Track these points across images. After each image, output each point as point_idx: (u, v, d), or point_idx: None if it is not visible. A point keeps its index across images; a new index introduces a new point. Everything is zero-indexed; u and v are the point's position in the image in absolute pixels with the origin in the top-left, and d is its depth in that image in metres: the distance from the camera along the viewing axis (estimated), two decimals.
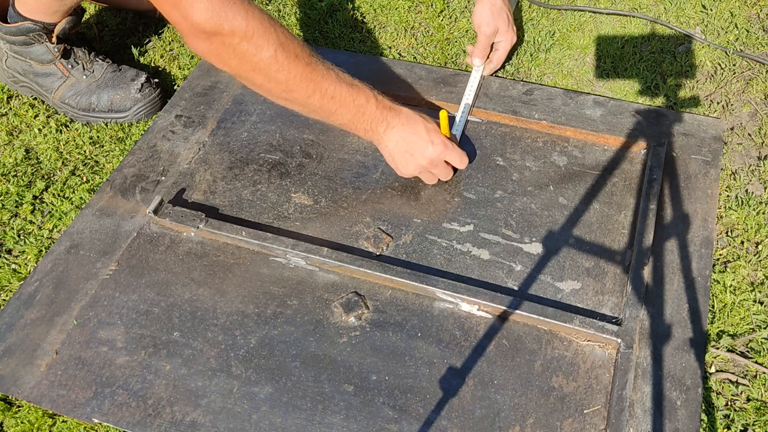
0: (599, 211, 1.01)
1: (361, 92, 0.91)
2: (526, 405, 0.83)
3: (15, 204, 1.09)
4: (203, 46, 0.83)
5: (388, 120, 0.95)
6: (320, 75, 0.87)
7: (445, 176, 1.03)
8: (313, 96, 0.88)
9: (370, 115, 0.93)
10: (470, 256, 0.97)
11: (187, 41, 0.84)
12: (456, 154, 1.00)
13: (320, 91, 0.88)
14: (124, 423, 0.83)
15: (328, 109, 0.90)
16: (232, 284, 0.96)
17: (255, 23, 0.81)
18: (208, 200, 1.06)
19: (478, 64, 1.19)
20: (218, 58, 0.84)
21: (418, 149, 0.97)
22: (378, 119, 0.94)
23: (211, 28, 0.80)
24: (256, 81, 0.86)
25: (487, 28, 1.15)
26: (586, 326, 0.87)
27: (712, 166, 1.05)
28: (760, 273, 0.95)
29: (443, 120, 1.00)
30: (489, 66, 1.20)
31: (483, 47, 1.17)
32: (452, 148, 0.99)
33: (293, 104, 0.90)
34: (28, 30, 1.13)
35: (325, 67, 0.88)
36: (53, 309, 0.94)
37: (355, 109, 0.91)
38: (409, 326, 0.91)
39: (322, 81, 0.87)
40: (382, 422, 0.83)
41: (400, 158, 0.98)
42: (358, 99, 0.91)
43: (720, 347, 0.88)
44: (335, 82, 0.89)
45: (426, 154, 0.97)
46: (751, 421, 0.83)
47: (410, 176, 1.02)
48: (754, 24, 1.26)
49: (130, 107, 1.18)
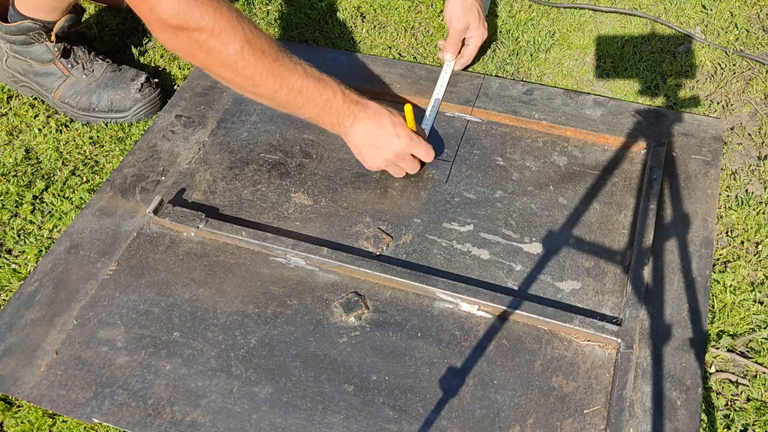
0: (599, 211, 1.01)
1: (328, 86, 0.93)
2: (526, 405, 0.83)
3: (15, 204, 1.09)
4: (170, 40, 0.84)
5: (355, 114, 0.96)
6: (287, 70, 0.89)
7: (412, 169, 1.04)
8: (280, 90, 0.89)
9: (337, 109, 0.95)
10: (470, 256, 0.97)
11: (154, 34, 0.85)
12: (422, 148, 1.02)
13: (287, 85, 0.89)
14: (124, 423, 0.83)
15: (295, 103, 0.92)
16: (232, 284, 0.96)
17: (222, 20, 0.82)
18: (208, 200, 1.06)
19: (449, 59, 1.20)
20: (185, 52, 0.85)
21: (384, 142, 0.98)
22: (345, 113, 0.95)
23: (178, 24, 0.81)
24: (224, 75, 0.88)
25: (458, 23, 1.16)
26: (586, 326, 0.87)
27: (712, 166, 1.05)
28: (760, 273, 0.95)
29: (408, 113, 1.01)
30: (460, 61, 1.21)
31: (454, 42, 1.19)
32: (418, 141, 1.01)
33: (261, 98, 0.92)
34: (28, 29, 1.13)
35: (293, 63, 0.90)
36: (53, 309, 0.94)
37: (322, 103, 0.93)
38: (409, 326, 0.91)
39: (289, 76, 0.89)
40: (382, 422, 0.83)
41: (366, 151, 1.00)
42: (325, 93, 0.93)
43: (720, 347, 0.88)
44: (302, 77, 0.90)
45: (392, 147, 0.98)
46: (751, 421, 0.83)
47: (377, 169, 1.04)
48: (754, 24, 1.26)
49: (130, 107, 1.18)
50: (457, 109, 1.15)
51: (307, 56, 1.25)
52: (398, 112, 1.01)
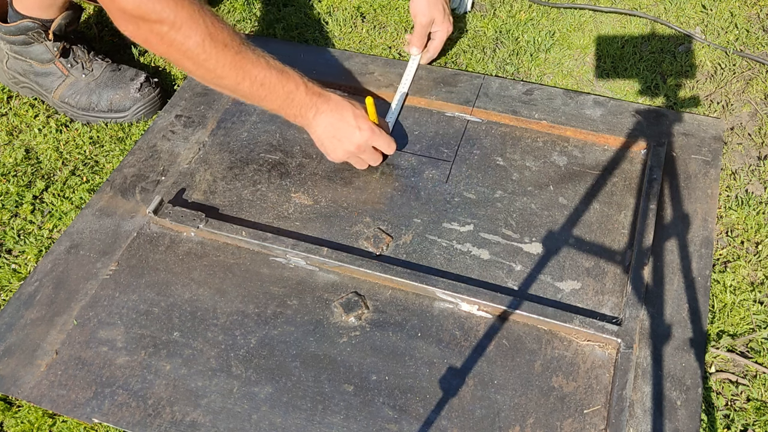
0: (599, 211, 1.01)
1: (291, 79, 0.94)
2: (526, 405, 0.83)
3: (15, 204, 1.09)
4: (131, 31, 0.85)
5: (317, 106, 0.97)
6: (250, 62, 0.90)
7: (374, 161, 1.06)
8: (242, 82, 0.90)
9: (300, 101, 0.96)
10: (470, 256, 0.97)
11: (116, 24, 0.85)
12: (383, 140, 1.03)
13: (249, 77, 0.90)
14: (124, 423, 0.83)
15: (258, 95, 0.93)
16: (232, 284, 0.96)
17: (183, 14, 0.83)
18: (208, 200, 1.06)
19: (415, 53, 1.22)
20: (146, 42, 0.86)
21: (346, 135, 0.99)
22: (307, 105, 0.97)
23: (139, 15, 0.82)
24: (186, 67, 0.89)
25: (423, 18, 1.17)
26: (586, 326, 0.87)
27: (712, 166, 1.05)
28: (760, 273, 0.95)
29: (369, 106, 1.02)
30: (426, 55, 1.22)
31: (420, 36, 1.20)
32: (379, 133, 1.02)
33: (225, 90, 0.93)
34: (27, 28, 1.14)
35: (256, 55, 0.91)
36: (53, 309, 0.94)
37: (285, 95, 0.94)
38: (409, 326, 0.91)
39: (252, 68, 0.90)
40: (382, 422, 0.83)
41: (328, 143, 1.01)
42: (287, 85, 0.94)
43: (720, 347, 0.88)
44: (265, 69, 0.91)
45: (353, 139, 1.00)
46: (751, 421, 0.83)
47: (339, 161, 1.05)
48: (754, 24, 1.26)
49: (130, 107, 1.18)
50: (457, 109, 1.15)
51: (307, 56, 1.26)
52: (361, 104, 1.02)
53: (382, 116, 1.11)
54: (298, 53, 1.27)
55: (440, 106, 1.16)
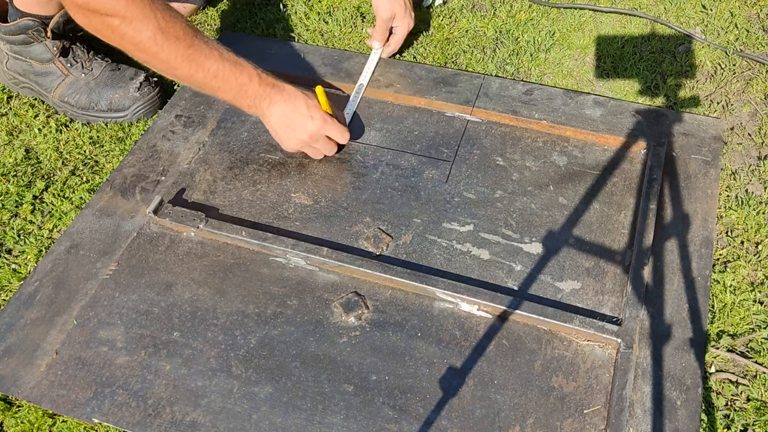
0: (599, 211, 1.01)
1: (245, 71, 0.96)
2: (526, 405, 0.83)
3: (15, 204, 1.09)
4: (84, 22, 0.87)
5: (271, 96, 1.00)
6: (203, 55, 0.92)
7: (328, 151, 1.08)
8: (196, 74, 0.93)
9: (253, 92, 0.98)
10: (470, 256, 0.97)
11: (70, 13, 0.87)
12: (336, 129, 1.05)
13: (203, 69, 0.93)
14: (124, 423, 0.83)
15: (212, 86, 0.95)
16: (232, 284, 0.96)
17: (134, 8, 0.85)
18: (208, 200, 1.06)
19: (377, 47, 1.24)
20: (98, 33, 0.88)
21: (299, 124, 1.02)
22: (261, 96, 0.99)
23: (91, 8, 0.84)
24: (140, 58, 0.91)
25: (384, 12, 1.19)
26: (586, 326, 0.87)
27: (712, 166, 1.05)
28: (760, 273, 0.95)
29: (320, 96, 1.04)
30: (387, 49, 1.24)
31: (381, 31, 1.22)
32: (332, 123, 1.04)
33: (180, 80, 0.96)
34: (27, 27, 1.14)
35: (209, 48, 0.93)
36: (53, 309, 0.94)
37: (238, 86, 0.96)
38: (409, 326, 0.91)
39: (205, 60, 0.92)
40: (382, 422, 0.83)
41: (282, 133, 1.03)
42: (240, 77, 0.96)
43: (720, 347, 0.88)
44: (218, 61, 0.93)
45: (306, 128, 1.02)
46: (751, 421, 0.83)
47: (294, 150, 1.07)
48: (754, 24, 1.26)
49: (129, 106, 1.18)
50: (457, 109, 1.15)
51: (307, 56, 1.26)
52: (314, 95, 1.04)
53: (341, 108, 1.15)
54: (298, 53, 1.27)
55: (440, 106, 1.16)
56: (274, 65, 1.24)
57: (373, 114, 1.17)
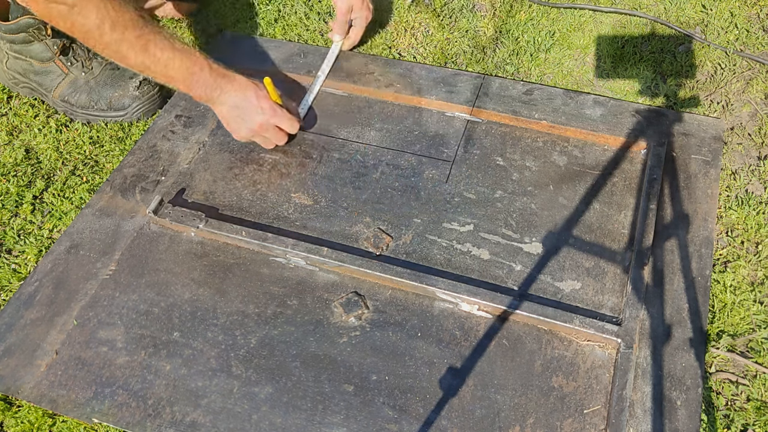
0: (599, 211, 1.01)
1: (196, 61, 0.98)
2: (526, 405, 0.83)
3: (15, 204, 1.09)
4: (34, 7, 0.88)
5: (222, 86, 1.01)
6: (153, 44, 0.94)
7: (279, 140, 1.09)
8: (147, 63, 0.95)
9: (204, 82, 1.00)
10: (470, 255, 0.97)
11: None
12: (285, 119, 1.06)
13: (153, 59, 0.95)
14: (124, 423, 0.83)
15: (164, 75, 0.97)
16: (232, 284, 0.96)
17: None
18: (208, 200, 1.06)
19: (337, 40, 1.25)
20: (50, 19, 0.90)
21: (249, 114, 1.04)
22: (212, 86, 1.00)
23: None
24: (90, 44, 0.92)
25: (342, 4, 1.21)
26: (586, 326, 0.87)
27: (712, 166, 1.05)
28: (760, 273, 0.95)
29: (268, 86, 1.06)
30: (347, 41, 1.26)
31: (340, 23, 1.23)
32: (281, 113, 1.06)
33: (134, 69, 0.97)
34: (28, 25, 1.13)
35: (160, 38, 0.94)
36: (53, 309, 0.94)
37: (189, 75, 0.98)
38: (409, 326, 0.91)
39: (156, 50, 0.94)
40: (382, 422, 0.83)
41: (233, 122, 1.05)
42: (192, 67, 0.98)
43: (720, 347, 0.88)
44: (169, 51, 0.95)
45: (255, 118, 1.04)
46: (751, 421, 0.83)
47: (245, 140, 1.09)
48: (754, 24, 1.26)
49: (129, 105, 1.18)
50: (457, 109, 1.15)
51: (307, 56, 1.26)
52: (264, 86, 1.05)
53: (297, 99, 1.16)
54: (298, 53, 1.27)
55: (440, 106, 1.16)
56: (274, 65, 1.24)
57: (373, 114, 1.17)
